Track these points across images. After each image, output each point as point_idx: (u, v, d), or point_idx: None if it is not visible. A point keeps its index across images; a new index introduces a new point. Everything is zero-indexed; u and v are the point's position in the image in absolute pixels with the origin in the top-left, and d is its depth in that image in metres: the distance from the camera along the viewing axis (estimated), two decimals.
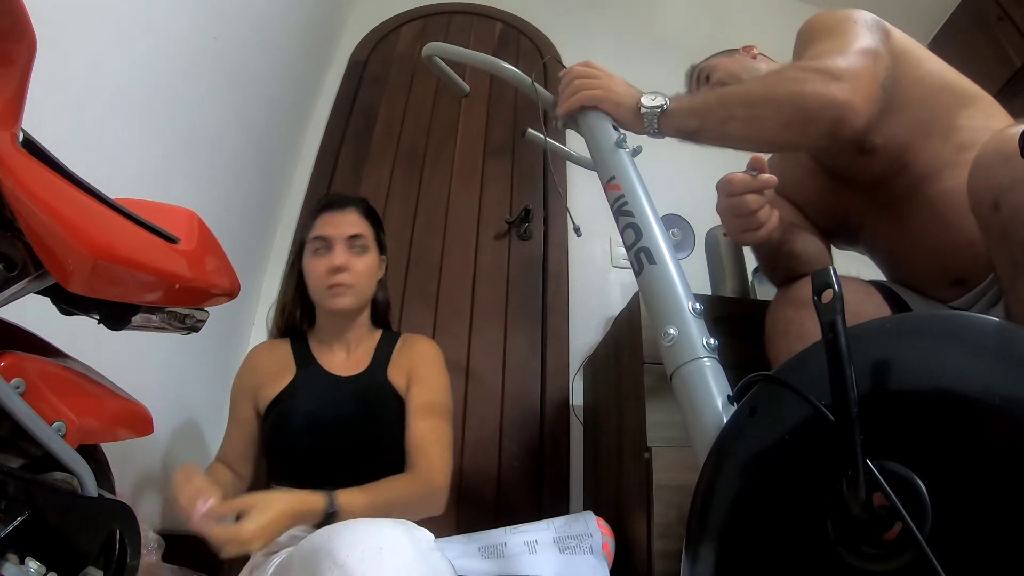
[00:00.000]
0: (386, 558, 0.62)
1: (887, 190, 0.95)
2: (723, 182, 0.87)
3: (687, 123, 0.83)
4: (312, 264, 1.12)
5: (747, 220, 0.87)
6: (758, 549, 0.47)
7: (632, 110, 0.86)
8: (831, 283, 0.45)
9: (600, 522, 1.07)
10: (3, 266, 0.45)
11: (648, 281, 0.69)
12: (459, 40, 2.10)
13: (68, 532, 0.47)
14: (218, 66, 1.34)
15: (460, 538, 1.09)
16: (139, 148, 1.06)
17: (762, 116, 0.78)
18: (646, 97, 0.85)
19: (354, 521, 0.71)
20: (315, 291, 1.13)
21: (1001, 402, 0.37)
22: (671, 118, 0.84)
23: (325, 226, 1.13)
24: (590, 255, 1.91)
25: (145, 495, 1.15)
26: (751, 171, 0.84)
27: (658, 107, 0.84)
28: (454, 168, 2.02)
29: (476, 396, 1.65)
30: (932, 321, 0.46)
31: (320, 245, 1.12)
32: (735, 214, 0.87)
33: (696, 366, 0.60)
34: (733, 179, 0.85)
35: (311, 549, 0.68)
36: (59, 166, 0.44)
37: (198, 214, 0.63)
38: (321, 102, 2.10)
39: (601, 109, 0.89)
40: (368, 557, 0.62)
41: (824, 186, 1.06)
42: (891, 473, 0.39)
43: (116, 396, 0.58)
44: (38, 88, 0.40)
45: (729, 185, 0.85)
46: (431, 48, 1.07)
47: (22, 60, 0.37)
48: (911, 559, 0.37)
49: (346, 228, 1.13)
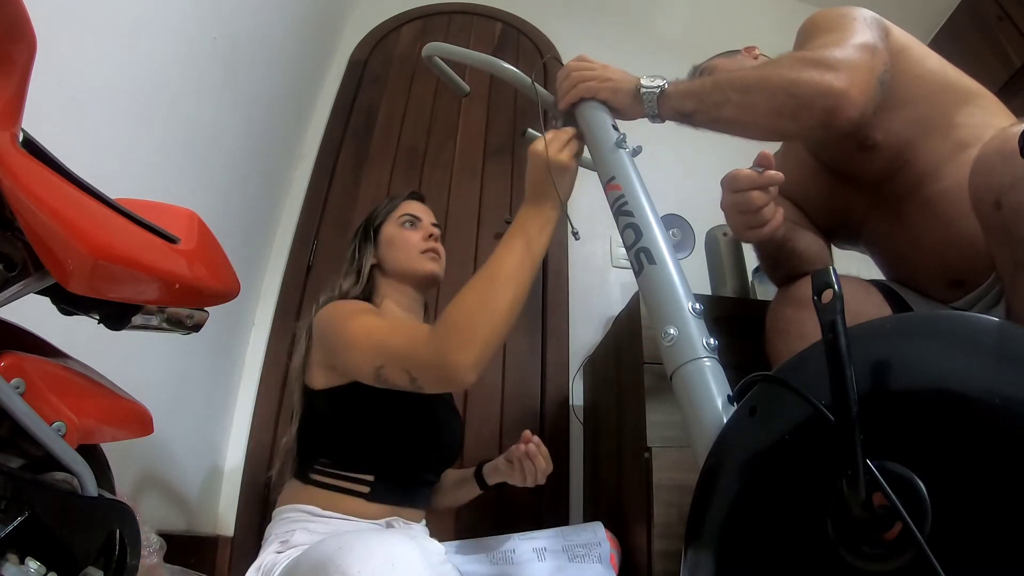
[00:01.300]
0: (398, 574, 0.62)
1: (888, 188, 0.95)
2: (728, 178, 0.86)
3: (683, 105, 0.83)
4: (405, 233, 1.18)
5: (751, 217, 0.86)
6: (758, 549, 0.47)
7: (631, 93, 0.86)
8: (831, 283, 0.45)
9: (608, 534, 1.07)
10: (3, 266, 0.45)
11: (648, 281, 0.69)
12: (459, 40, 2.10)
13: (68, 532, 0.47)
14: (218, 66, 1.34)
15: (469, 543, 1.10)
16: (139, 148, 1.06)
17: (755, 102, 0.78)
18: (645, 79, 0.86)
19: (365, 533, 0.70)
20: (407, 257, 1.16)
21: (1001, 402, 0.37)
22: (669, 99, 0.84)
23: (414, 208, 1.22)
24: (590, 255, 1.91)
25: (145, 495, 1.15)
26: (757, 167, 0.83)
27: (657, 87, 0.84)
28: (454, 168, 2.02)
29: (476, 396, 1.65)
30: (932, 321, 0.46)
31: (410, 219, 1.20)
32: (739, 210, 0.87)
33: (696, 366, 0.60)
34: (738, 175, 0.84)
35: (319, 559, 0.67)
36: (59, 166, 0.44)
37: (198, 214, 0.63)
38: (321, 102, 2.10)
39: (599, 99, 0.89)
40: (380, 572, 0.61)
41: (825, 184, 1.06)
42: (891, 473, 0.39)
43: (116, 396, 0.58)
44: (38, 88, 0.40)
45: (734, 181, 0.85)
46: (431, 48, 1.07)
47: (22, 60, 0.37)
48: (911, 559, 0.37)
49: (431, 217, 1.24)
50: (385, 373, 0.86)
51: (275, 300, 1.74)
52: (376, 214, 1.23)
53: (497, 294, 0.81)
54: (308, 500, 0.96)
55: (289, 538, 0.90)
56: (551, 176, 0.84)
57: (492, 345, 0.79)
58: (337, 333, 0.96)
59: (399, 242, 1.17)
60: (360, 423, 0.99)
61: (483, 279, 0.83)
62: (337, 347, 0.96)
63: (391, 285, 1.16)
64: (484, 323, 0.79)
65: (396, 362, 0.85)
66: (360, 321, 0.94)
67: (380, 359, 0.87)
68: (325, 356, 1.00)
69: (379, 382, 0.88)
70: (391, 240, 1.18)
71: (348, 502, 0.96)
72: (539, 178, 0.86)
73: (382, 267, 1.17)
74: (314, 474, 0.99)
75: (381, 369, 0.87)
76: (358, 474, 0.98)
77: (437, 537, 1.06)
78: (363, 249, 1.19)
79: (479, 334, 0.79)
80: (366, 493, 0.97)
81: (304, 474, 1.00)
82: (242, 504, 1.49)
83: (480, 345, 0.78)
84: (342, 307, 1.01)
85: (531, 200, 0.87)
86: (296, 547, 0.87)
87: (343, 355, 0.94)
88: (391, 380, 0.86)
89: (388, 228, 1.19)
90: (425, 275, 1.16)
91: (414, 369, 0.83)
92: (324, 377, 1.00)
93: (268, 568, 0.86)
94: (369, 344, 0.90)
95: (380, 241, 1.18)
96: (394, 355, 0.86)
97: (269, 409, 1.60)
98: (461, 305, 0.82)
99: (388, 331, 0.92)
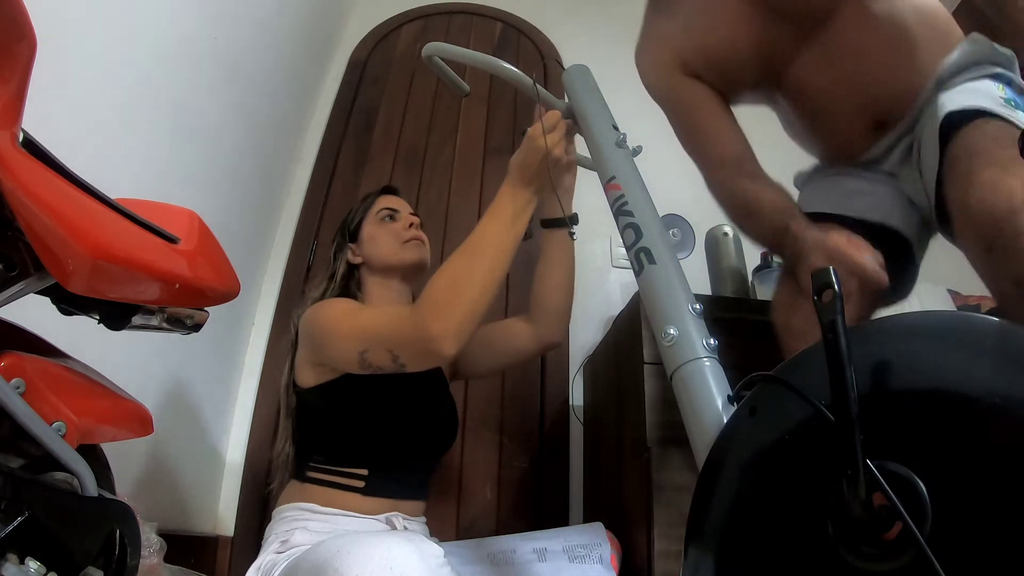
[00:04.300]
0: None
1: (820, 23, 0.94)
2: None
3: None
4: (386, 227, 1.18)
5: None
6: (758, 549, 0.47)
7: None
8: (831, 283, 0.45)
9: (609, 534, 1.07)
10: (3, 266, 0.45)
11: (648, 281, 0.69)
12: (459, 40, 2.10)
13: (68, 532, 0.47)
14: (218, 66, 1.34)
15: (469, 543, 1.09)
16: (139, 148, 1.06)
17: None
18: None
19: (364, 536, 0.70)
20: (392, 250, 1.16)
21: (1001, 402, 0.37)
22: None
23: (390, 202, 1.23)
24: (590, 255, 1.91)
25: (145, 495, 1.15)
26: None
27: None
28: (454, 168, 2.02)
29: (476, 396, 1.65)
30: (932, 321, 0.46)
31: (388, 213, 1.20)
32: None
33: (696, 366, 0.60)
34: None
35: (318, 562, 0.67)
36: (59, 166, 0.44)
37: (198, 214, 0.63)
38: (321, 102, 2.10)
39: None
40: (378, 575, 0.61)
41: (756, 28, 1.00)
42: (891, 473, 0.39)
43: (116, 396, 0.58)
44: (38, 88, 0.40)
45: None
46: (431, 48, 1.07)
47: (22, 60, 0.37)
48: (911, 559, 0.37)
49: (408, 207, 1.24)
50: (369, 357, 0.88)
51: (275, 300, 1.74)
52: (352, 216, 1.23)
53: (475, 265, 0.83)
54: (306, 498, 0.97)
55: (289, 538, 0.90)
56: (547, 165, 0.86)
57: (471, 315, 0.81)
58: (321, 328, 0.97)
59: (381, 237, 1.18)
60: (350, 416, 1.00)
61: (462, 253, 0.85)
62: (323, 342, 0.97)
63: (377, 282, 1.17)
64: (462, 293, 0.81)
65: (378, 343, 0.87)
66: (341, 313, 0.96)
67: (363, 344, 0.88)
68: (311, 354, 1.01)
69: (365, 367, 0.89)
70: (373, 237, 1.18)
71: (344, 497, 0.97)
72: (531, 161, 0.87)
73: (369, 265, 1.17)
74: (310, 472, 1.00)
75: (365, 353, 0.88)
76: (352, 468, 0.99)
77: (437, 537, 1.06)
78: (339, 251, 1.20)
79: (456, 304, 0.80)
80: (361, 488, 0.98)
81: (301, 473, 1.01)
82: (242, 504, 1.49)
83: (458, 315, 0.80)
84: (323, 304, 1.02)
85: (518, 181, 0.88)
86: (296, 547, 0.87)
87: (328, 348, 0.96)
88: (375, 363, 0.88)
89: (368, 226, 1.19)
90: (412, 263, 1.16)
91: (395, 347, 0.85)
92: (312, 375, 1.01)
93: (268, 568, 0.86)
94: (352, 332, 0.91)
95: (362, 239, 1.18)
96: (376, 337, 0.88)
97: (269, 408, 1.60)
98: (439, 278, 0.84)
99: (369, 316, 0.95)
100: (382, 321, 0.90)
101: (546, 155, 0.86)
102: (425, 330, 0.80)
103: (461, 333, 0.80)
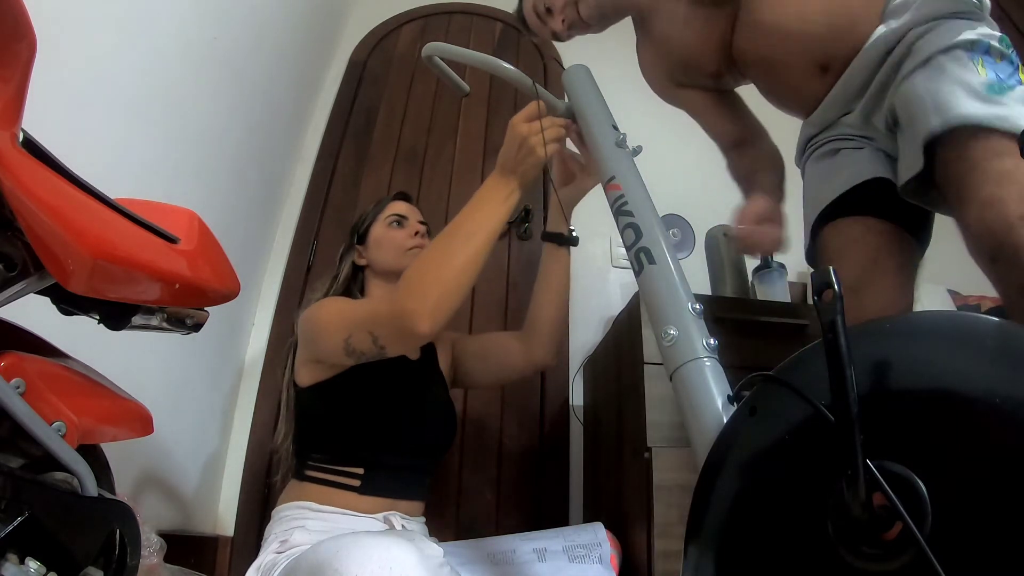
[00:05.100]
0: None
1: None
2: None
3: None
4: (391, 232, 1.21)
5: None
6: (758, 549, 0.47)
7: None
8: (831, 283, 0.45)
9: (608, 534, 1.07)
10: (3, 266, 0.45)
11: (648, 281, 0.69)
12: (459, 40, 2.10)
13: (68, 532, 0.47)
14: (218, 66, 1.34)
15: (469, 543, 1.09)
16: (139, 148, 1.06)
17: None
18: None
19: (363, 536, 0.70)
20: (395, 256, 1.19)
21: (1001, 402, 0.37)
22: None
23: (400, 208, 1.25)
24: (590, 255, 1.91)
25: (145, 495, 1.15)
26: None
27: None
28: (454, 168, 2.02)
29: (476, 396, 1.65)
30: (932, 321, 0.46)
31: (397, 219, 1.23)
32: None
33: (696, 366, 0.60)
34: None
35: (317, 563, 0.67)
36: (59, 166, 0.44)
37: (198, 214, 0.63)
38: (321, 102, 2.10)
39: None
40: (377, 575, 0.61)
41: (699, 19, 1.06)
42: (891, 473, 0.39)
43: (116, 396, 0.58)
44: (38, 88, 0.40)
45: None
46: (431, 48, 1.07)
47: (22, 60, 0.37)
48: (911, 559, 0.37)
49: (418, 215, 1.27)
50: (352, 342, 0.90)
51: (275, 300, 1.74)
52: (364, 217, 1.26)
53: (452, 247, 0.85)
54: (304, 496, 0.98)
55: (288, 538, 0.90)
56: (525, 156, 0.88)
57: (446, 295, 0.82)
58: (313, 324, 0.99)
59: (386, 242, 1.20)
60: (346, 415, 1.02)
61: (442, 236, 0.87)
62: (315, 336, 0.99)
63: (380, 285, 1.19)
64: (438, 274, 0.83)
65: (360, 328, 0.89)
66: (333, 308, 0.99)
67: (347, 331, 0.91)
68: (307, 351, 1.03)
69: (350, 354, 0.91)
70: (379, 241, 1.21)
71: (341, 496, 0.98)
72: (511, 150, 0.90)
73: (373, 267, 1.21)
74: (309, 470, 1.01)
75: (349, 339, 0.90)
76: (348, 467, 1.00)
77: (437, 537, 1.06)
78: (346, 252, 1.24)
79: (432, 283, 0.82)
80: (357, 486, 0.98)
81: (300, 471, 1.03)
82: (242, 504, 1.49)
83: (434, 294, 0.82)
84: (319, 303, 1.04)
85: (501, 170, 0.91)
86: (295, 547, 0.87)
87: (319, 342, 0.98)
88: (359, 348, 0.90)
89: (376, 229, 1.22)
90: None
91: (375, 327, 0.87)
92: (309, 373, 1.03)
93: (268, 568, 0.86)
94: (339, 321, 0.94)
95: (369, 242, 1.22)
96: (358, 322, 0.90)
97: (269, 408, 1.59)
98: (418, 260, 0.87)
99: (355, 306, 0.99)
100: (365, 307, 0.96)
101: (524, 141, 0.88)
102: (400, 307, 0.82)
103: (436, 312, 0.81)
